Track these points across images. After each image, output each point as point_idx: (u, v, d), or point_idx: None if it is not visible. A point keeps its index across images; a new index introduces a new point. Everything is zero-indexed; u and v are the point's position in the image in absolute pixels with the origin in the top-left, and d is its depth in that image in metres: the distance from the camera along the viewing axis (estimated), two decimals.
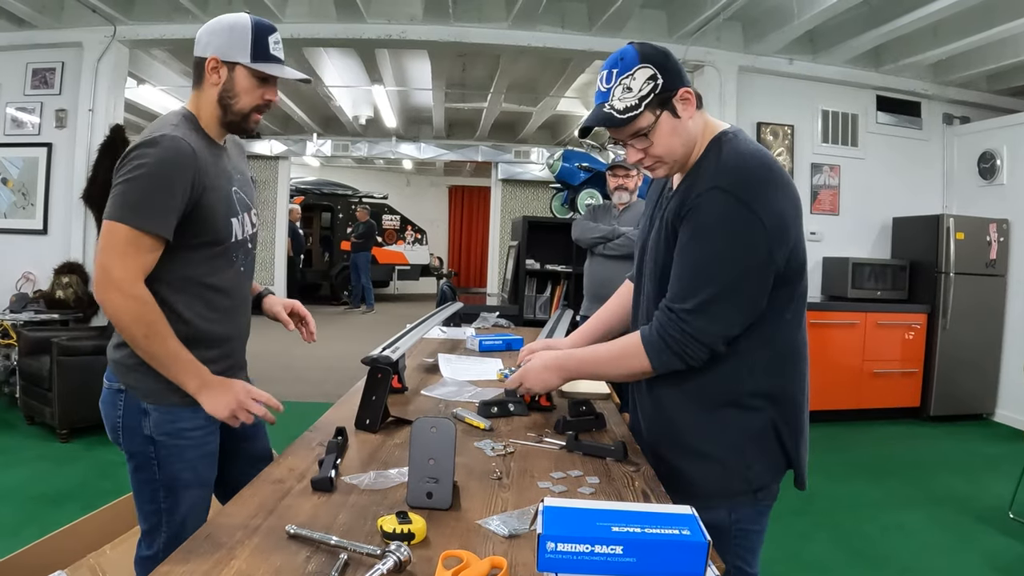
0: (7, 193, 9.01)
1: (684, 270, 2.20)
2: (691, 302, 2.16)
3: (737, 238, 2.11)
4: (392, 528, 1.66)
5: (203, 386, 2.47)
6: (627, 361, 2.34)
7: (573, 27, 9.05)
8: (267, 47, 2.55)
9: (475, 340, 4.50)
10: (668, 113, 2.22)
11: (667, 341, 2.20)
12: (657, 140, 2.25)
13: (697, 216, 2.15)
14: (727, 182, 2.12)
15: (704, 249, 2.15)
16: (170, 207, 2.37)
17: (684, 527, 1.35)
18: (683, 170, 2.35)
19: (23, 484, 5.69)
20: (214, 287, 2.60)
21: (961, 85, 10.01)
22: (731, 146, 2.22)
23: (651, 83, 2.19)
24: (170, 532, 2.60)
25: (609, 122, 2.24)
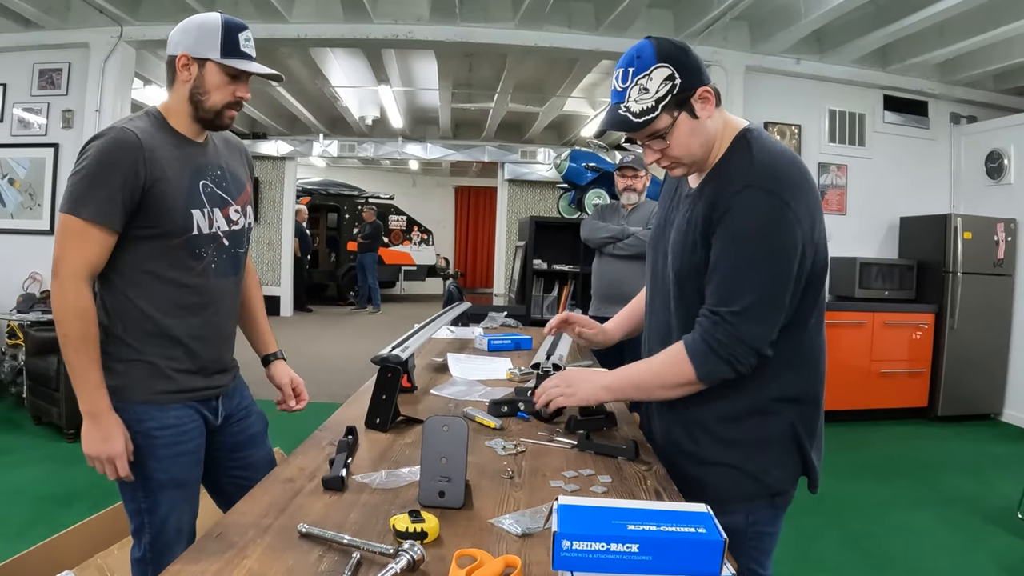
0: (14, 193, 9.02)
1: (728, 272, 2.11)
2: (738, 304, 2.08)
3: (779, 237, 2.05)
4: (405, 527, 1.66)
5: (91, 416, 2.45)
6: (670, 372, 2.23)
7: (580, 27, 9.04)
8: (237, 43, 2.56)
9: (484, 340, 4.50)
10: (686, 114, 2.14)
11: (713, 346, 2.11)
12: (675, 141, 2.18)
13: (735, 216, 2.08)
14: (764, 181, 2.06)
15: (748, 250, 2.07)
16: (111, 196, 2.38)
17: (700, 525, 1.35)
18: (702, 170, 2.29)
19: (30, 484, 5.69)
20: (176, 282, 2.58)
21: (968, 84, 9.99)
22: (760, 144, 2.16)
23: (668, 83, 2.10)
24: (152, 532, 2.61)
25: (625, 126, 2.16)
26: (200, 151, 2.66)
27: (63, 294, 2.38)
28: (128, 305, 2.51)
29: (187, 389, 2.63)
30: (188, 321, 2.61)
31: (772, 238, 2.05)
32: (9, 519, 4.97)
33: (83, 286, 2.40)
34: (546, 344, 3.50)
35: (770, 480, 2.27)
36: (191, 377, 2.64)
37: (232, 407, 2.88)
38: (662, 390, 2.28)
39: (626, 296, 5.97)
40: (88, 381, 2.42)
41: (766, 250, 2.05)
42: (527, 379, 3.52)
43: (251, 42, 2.61)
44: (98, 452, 2.44)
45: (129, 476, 2.49)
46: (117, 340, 2.51)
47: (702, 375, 2.15)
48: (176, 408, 2.60)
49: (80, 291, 2.39)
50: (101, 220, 2.38)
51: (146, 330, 2.53)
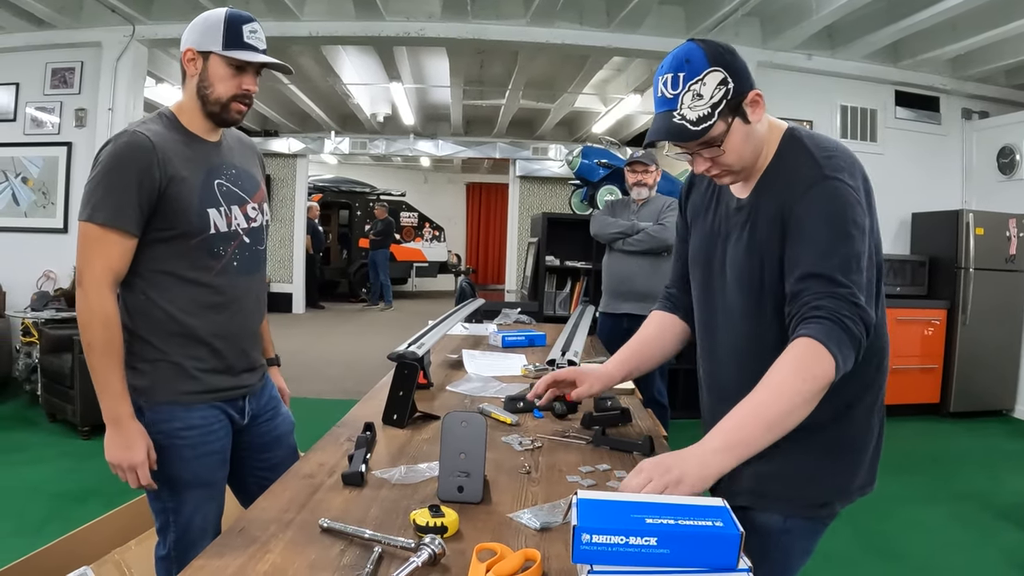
0: (27, 192, 9.05)
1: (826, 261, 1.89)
2: (845, 279, 1.87)
3: (860, 221, 1.94)
4: (425, 521, 1.68)
5: (113, 423, 2.45)
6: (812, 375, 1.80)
7: (591, 24, 9.04)
8: (240, 35, 2.55)
9: (498, 336, 4.52)
10: (740, 119, 2.01)
11: (846, 326, 1.83)
12: (729, 149, 2.03)
13: (815, 205, 1.94)
14: (835, 171, 1.96)
15: (838, 231, 1.91)
16: (128, 200, 2.38)
17: (717, 519, 1.37)
18: (748, 177, 2.14)
19: (46, 481, 5.72)
20: (197, 282, 2.58)
21: (980, 80, 9.96)
22: (814, 141, 2.07)
23: (722, 88, 1.97)
24: (178, 531, 2.62)
25: (683, 135, 2.00)
26: (214, 150, 2.67)
27: (87, 302, 2.38)
28: (150, 306, 2.51)
29: (213, 389, 2.63)
30: (212, 320, 2.61)
31: (858, 221, 1.93)
32: (26, 515, 5.00)
33: (107, 293, 2.41)
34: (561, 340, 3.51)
35: (820, 488, 2.12)
36: (217, 377, 2.64)
37: (259, 407, 2.88)
38: (802, 410, 1.81)
39: (637, 292, 6.06)
40: (111, 389, 2.42)
41: (856, 231, 1.92)
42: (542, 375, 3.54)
43: (257, 34, 2.61)
44: (120, 460, 2.45)
45: (151, 485, 2.50)
46: (141, 341, 2.51)
47: (841, 364, 1.82)
48: (202, 408, 2.60)
49: (104, 298, 2.40)
50: (120, 224, 2.38)
51: (169, 331, 2.53)
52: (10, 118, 9.06)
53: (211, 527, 2.68)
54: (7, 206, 9.07)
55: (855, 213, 1.93)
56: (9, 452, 6.44)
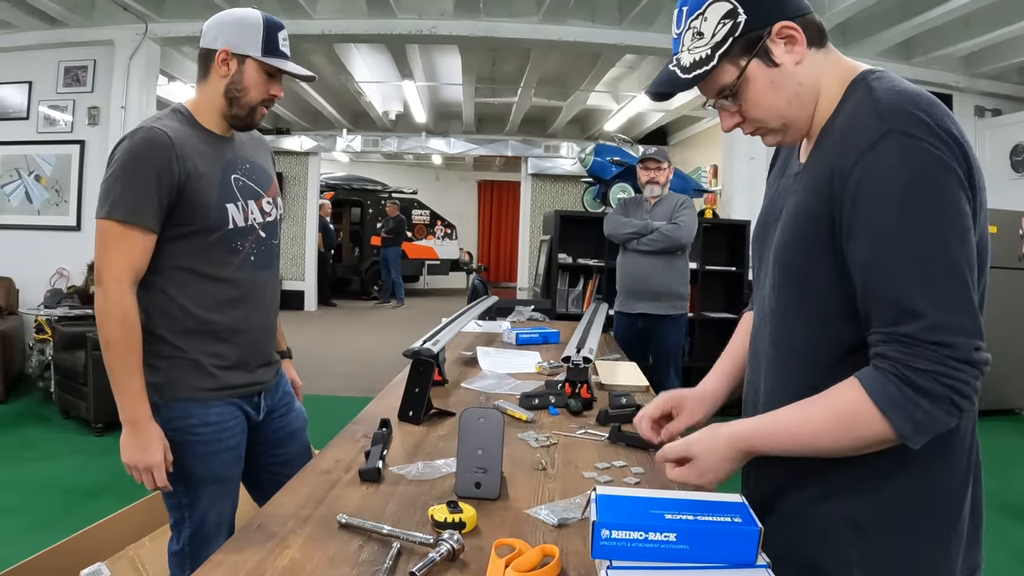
0: (40, 190, 9.10)
1: (890, 268, 1.41)
2: (925, 303, 1.37)
3: (949, 192, 1.38)
4: (443, 517, 1.69)
5: (130, 424, 2.44)
6: (853, 430, 1.44)
7: (604, 21, 9.05)
8: (276, 42, 2.57)
9: (512, 333, 4.53)
10: (759, 61, 1.56)
11: (916, 383, 1.37)
12: (751, 98, 1.61)
13: (874, 178, 1.41)
14: (904, 123, 1.40)
15: (908, 222, 1.39)
16: (147, 196, 2.38)
17: (736, 515, 1.37)
18: (810, 134, 1.66)
19: (60, 477, 5.75)
20: (215, 277, 2.58)
21: (992, 77, 9.95)
22: (885, 83, 1.50)
23: (728, 22, 1.55)
24: (192, 526, 2.62)
25: (670, 84, 1.66)
26: (228, 146, 2.67)
27: (106, 300, 2.37)
28: (168, 303, 2.51)
29: (230, 386, 2.63)
30: (230, 315, 2.62)
31: (937, 192, 1.38)
32: (40, 511, 5.03)
33: (126, 291, 2.39)
34: (576, 337, 3.51)
35: None
36: (234, 373, 2.64)
37: (274, 402, 2.88)
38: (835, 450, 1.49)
39: (652, 291, 6.07)
40: (129, 389, 2.42)
41: (934, 210, 1.39)
42: (556, 372, 3.55)
43: (287, 41, 2.63)
44: (136, 461, 2.44)
45: (167, 487, 2.49)
46: (159, 339, 2.50)
47: (910, 432, 1.39)
48: (218, 405, 2.60)
49: (123, 296, 2.38)
50: (139, 221, 2.37)
51: (188, 327, 2.53)
52: (23, 116, 9.12)
53: (225, 523, 2.69)
54: (20, 204, 9.12)
55: (928, 181, 1.38)
56: (23, 448, 6.47)
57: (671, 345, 6.25)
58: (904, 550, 1.53)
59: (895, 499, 1.52)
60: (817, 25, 1.60)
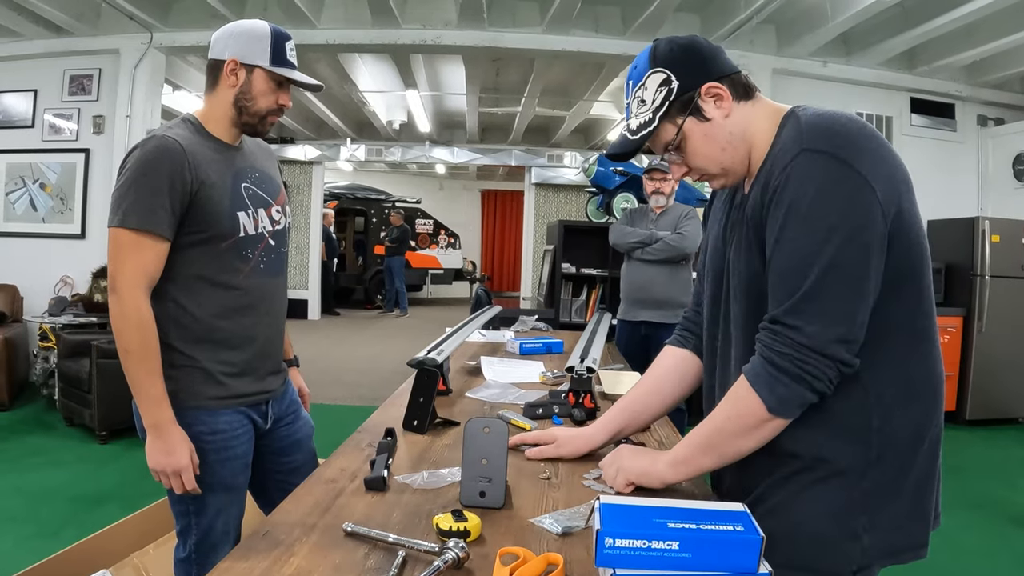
0: (45, 198, 9.13)
1: (783, 265, 1.68)
2: (791, 302, 1.65)
3: (840, 201, 1.61)
4: (448, 526, 1.69)
5: (155, 428, 2.44)
6: (736, 415, 1.76)
7: (607, 31, 9.09)
8: (284, 52, 2.60)
9: (515, 343, 4.55)
10: (693, 118, 1.82)
11: (777, 363, 1.66)
12: (691, 151, 1.87)
13: (786, 191, 1.66)
14: (816, 142, 1.64)
15: (802, 226, 1.64)
16: (160, 204, 2.39)
17: (738, 523, 1.39)
18: (749, 174, 1.87)
19: (64, 485, 5.75)
20: (226, 285, 2.59)
21: (995, 86, 9.98)
22: (810, 113, 1.73)
23: (664, 89, 1.82)
24: (199, 534, 2.63)
25: (623, 146, 1.93)
26: (238, 154, 2.69)
27: (122, 307, 2.38)
28: (179, 311, 2.52)
29: (239, 394, 2.65)
30: (240, 323, 2.63)
31: (837, 207, 1.61)
32: (44, 519, 5.03)
33: (142, 298, 2.40)
34: (579, 347, 3.52)
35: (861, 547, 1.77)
36: (243, 381, 2.65)
37: (281, 410, 2.89)
38: (736, 440, 1.78)
39: (655, 299, 6.08)
40: (150, 394, 2.42)
41: (829, 224, 1.61)
42: (560, 382, 3.56)
43: (294, 52, 2.66)
44: (163, 466, 2.44)
45: (196, 489, 2.50)
46: (168, 347, 2.50)
47: (773, 404, 1.68)
48: (227, 413, 2.61)
49: (140, 303, 2.39)
50: (153, 228, 2.38)
51: (198, 336, 2.54)
52: (28, 124, 9.17)
53: (232, 531, 2.70)
54: (25, 212, 9.16)
55: (827, 196, 1.62)
56: (27, 456, 6.48)
57: None
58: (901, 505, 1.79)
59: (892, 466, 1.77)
60: (743, 82, 1.87)
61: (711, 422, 1.84)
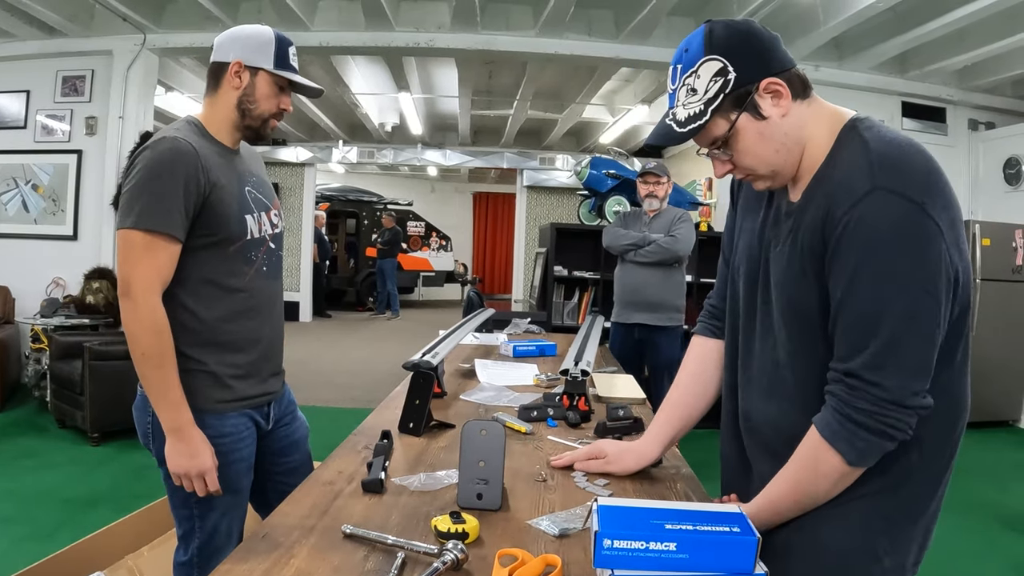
0: (37, 199, 9.10)
1: (857, 310, 1.61)
2: (870, 352, 1.58)
3: (918, 252, 1.54)
4: (447, 528, 1.70)
5: (176, 432, 2.43)
6: (815, 474, 1.68)
7: (600, 35, 9.09)
8: (287, 56, 2.62)
9: (509, 346, 4.55)
10: (748, 114, 1.70)
11: (858, 420, 1.59)
12: (741, 149, 1.75)
13: (859, 231, 1.57)
14: (892, 180, 1.55)
15: (877, 273, 1.57)
16: (175, 206, 2.38)
17: (734, 525, 1.40)
18: (797, 178, 1.79)
19: (56, 487, 5.74)
20: (232, 288, 2.60)
21: (986, 91, 10.00)
22: (878, 135, 1.65)
23: (719, 79, 1.68)
24: (203, 537, 2.62)
25: (667, 138, 1.79)
26: (238, 158, 2.70)
27: (136, 311, 2.37)
28: (186, 315, 2.51)
29: (244, 397, 2.65)
30: (245, 325, 2.64)
31: (913, 255, 1.55)
32: (37, 521, 5.03)
33: (156, 301, 2.39)
34: (573, 350, 3.53)
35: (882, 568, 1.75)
36: (248, 383, 2.65)
37: (280, 411, 2.90)
38: (816, 494, 1.71)
39: (648, 302, 6.10)
40: (169, 398, 2.41)
41: (906, 272, 1.55)
42: (554, 385, 3.57)
43: (296, 57, 2.67)
44: (187, 469, 2.44)
45: (219, 491, 2.51)
46: (176, 352, 2.47)
47: (854, 459, 1.63)
48: (233, 416, 2.61)
49: (154, 307, 2.38)
50: (167, 230, 2.37)
51: (205, 338, 2.54)
52: (21, 125, 9.12)
53: (235, 534, 2.70)
54: (17, 213, 9.13)
55: (907, 244, 1.54)
56: (19, 458, 6.47)
57: (667, 357, 6.27)
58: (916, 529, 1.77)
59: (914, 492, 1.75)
60: (801, 78, 1.75)
61: (787, 483, 1.73)
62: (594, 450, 2.34)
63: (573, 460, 2.33)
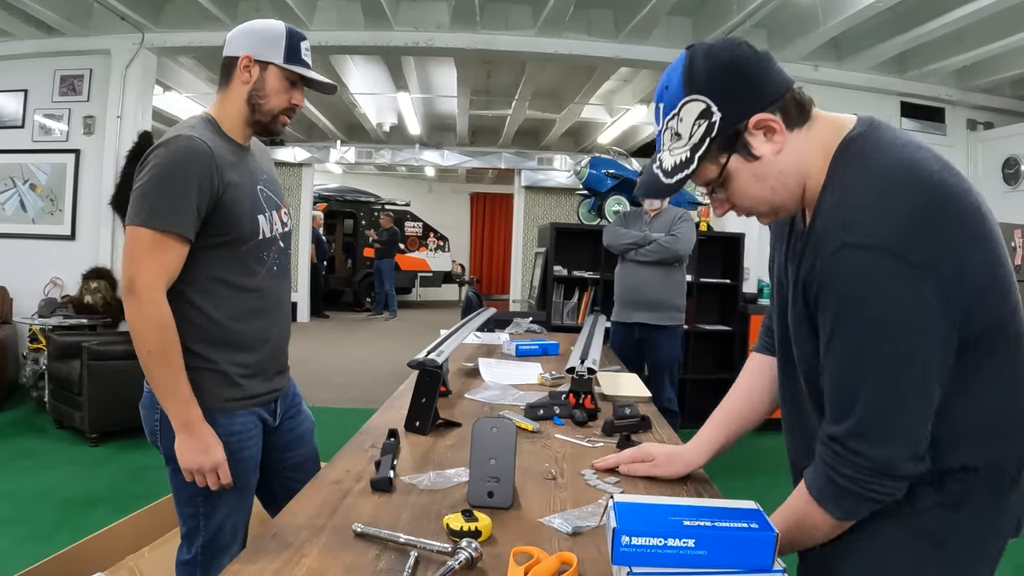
0: (35, 199, 9.08)
1: (835, 375, 1.53)
2: (855, 421, 1.48)
3: (891, 307, 1.41)
4: (459, 526, 1.70)
5: (186, 428, 2.42)
6: (811, 525, 1.62)
7: (599, 34, 9.09)
8: (299, 51, 2.61)
9: (511, 345, 4.56)
10: (739, 156, 1.57)
11: (842, 484, 1.52)
12: (736, 191, 1.63)
13: (830, 293, 1.48)
14: (861, 233, 1.42)
15: (853, 340, 1.46)
16: (187, 206, 2.37)
17: (752, 521, 1.39)
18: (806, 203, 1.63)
19: (55, 487, 5.73)
20: (243, 287, 2.59)
21: (985, 91, 10.00)
22: (860, 167, 1.50)
23: (703, 122, 1.54)
24: (207, 535, 2.60)
25: (655, 189, 1.67)
26: (250, 156, 2.70)
27: (141, 309, 2.35)
28: (196, 314, 2.50)
29: (252, 395, 2.64)
30: (254, 325, 2.63)
31: (885, 313, 1.42)
32: (36, 522, 5.01)
33: (161, 298, 2.37)
34: (578, 349, 3.52)
35: None
36: (256, 382, 2.64)
37: (286, 405, 2.89)
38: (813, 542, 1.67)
39: (648, 301, 6.10)
40: (178, 394, 2.40)
41: (879, 334, 1.43)
42: (559, 383, 3.56)
43: (309, 52, 2.67)
44: (199, 464, 2.43)
45: (231, 482, 2.51)
46: (185, 349, 2.46)
47: (841, 516, 1.58)
48: (242, 415, 2.60)
49: (159, 304, 2.36)
50: (177, 229, 2.36)
51: (215, 337, 2.53)
52: (18, 125, 9.10)
53: (240, 533, 2.69)
54: (15, 212, 9.11)
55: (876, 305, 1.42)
56: (17, 458, 6.46)
57: (667, 356, 6.27)
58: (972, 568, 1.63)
59: (970, 520, 1.59)
60: (798, 102, 1.59)
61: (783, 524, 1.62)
62: (640, 453, 2.28)
63: (618, 462, 2.28)
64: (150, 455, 2.58)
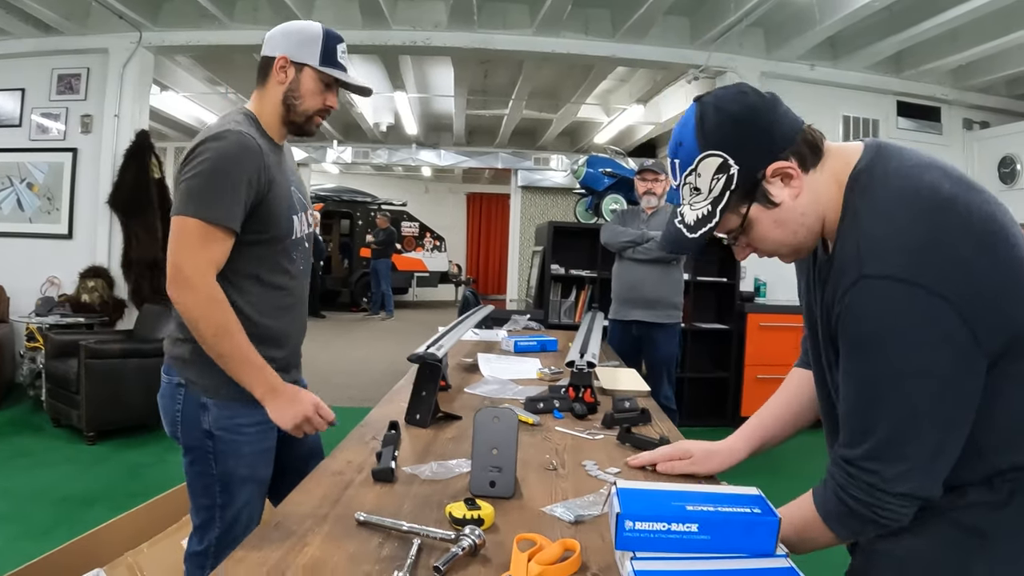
0: (32, 198, 9.07)
1: (851, 399, 1.53)
2: (869, 443, 1.49)
3: (912, 335, 1.41)
4: (462, 514, 1.71)
5: (271, 392, 2.46)
6: (810, 538, 1.66)
7: (596, 34, 9.09)
8: (335, 53, 2.62)
9: (510, 341, 4.57)
10: (759, 204, 1.60)
11: (850, 505, 1.52)
12: (758, 237, 1.66)
13: (849, 323, 1.50)
14: (877, 264, 1.44)
15: (869, 365, 1.47)
16: (236, 200, 2.39)
17: (755, 506, 1.40)
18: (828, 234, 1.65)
19: (52, 486, 5.72)
20: (276, 285, 2.63)
21: (981, 90, 10.01)
22: (871, 201, 1.52)
23: (721, 176, 1.56)
24: (223, 527, 2.61)
25: (680, 244, 1.67)
26: (284, 156, 2.73)
27: (196, 295, 2.37)
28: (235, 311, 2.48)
29: None
30: (283, 320, 2.67)
31: (905, 342, 1.42)
32: (33, 520, 5.01)
33: (212, 280, 2.39)
34: (577, 344, 3.53)
35: None
36: (280, 376, 2.62)
37: None
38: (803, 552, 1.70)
39: (646, 299, 6.11)
40: (252, 365, 2.43)
41: (896, 362, 1.43)
42: (558, 378, 3.58)
43: (346, 54, 2.69)
44: (299, 414, 2.48)
45: (334, 418, 2.59)
46: None
47: (846, 536, 1.62)
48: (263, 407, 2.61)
49: (211, 284, 2.38)
50: (226, 223, 2.39)
51: (248, 333, 2.50)
52: (16, 123, 9.07)
53: (255, 524, 2.68)
54: (12, 211, 9.09)
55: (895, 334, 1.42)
56: (14, 457, 6.45)
57: (665, 354, 6.27)
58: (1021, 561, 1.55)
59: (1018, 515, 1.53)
60: (810, 142, 1.60)
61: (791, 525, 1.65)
62: (678, 450, 2.25)
63: (653, 460, 2.25)
64: (147, 453, 2.58)
